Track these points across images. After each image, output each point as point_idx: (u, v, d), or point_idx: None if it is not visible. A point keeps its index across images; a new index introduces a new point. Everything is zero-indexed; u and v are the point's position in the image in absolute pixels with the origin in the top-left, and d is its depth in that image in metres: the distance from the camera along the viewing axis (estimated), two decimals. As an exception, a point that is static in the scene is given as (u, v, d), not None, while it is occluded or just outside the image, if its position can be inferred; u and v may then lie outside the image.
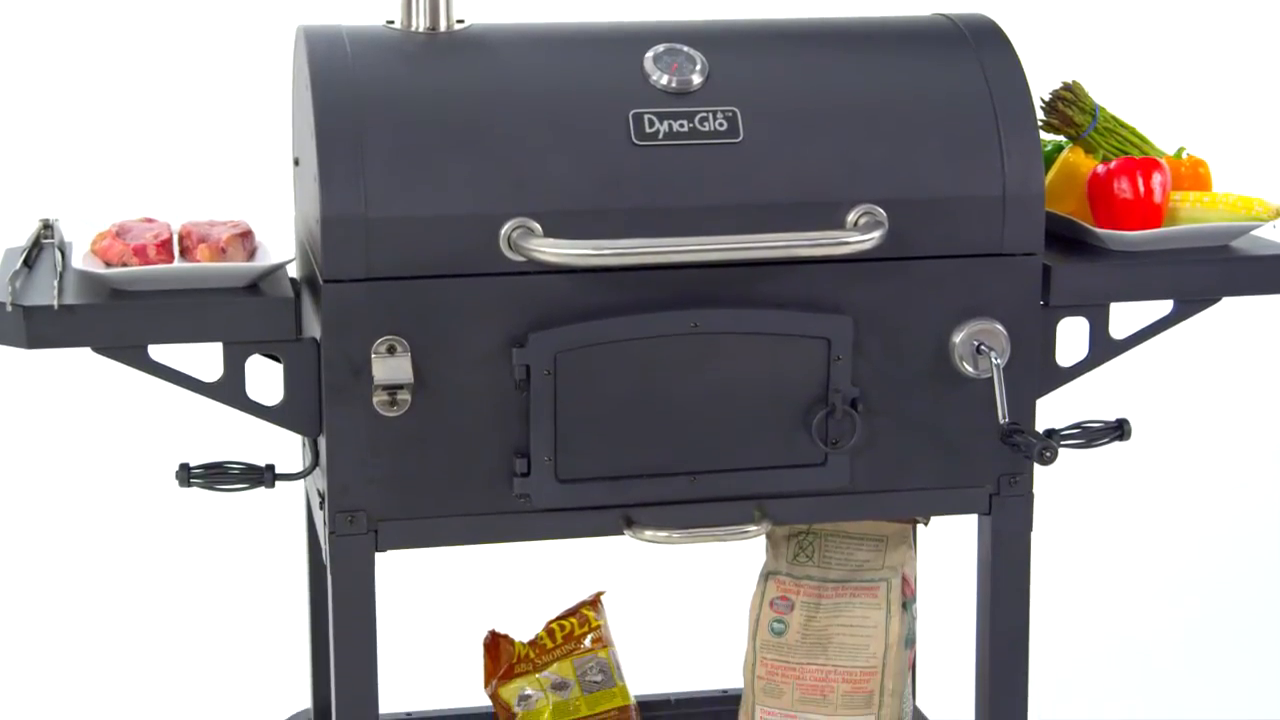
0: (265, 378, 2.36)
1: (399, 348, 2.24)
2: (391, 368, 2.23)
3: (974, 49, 2.42)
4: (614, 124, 2.29)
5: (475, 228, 2.25)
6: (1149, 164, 2.49)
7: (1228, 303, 2.52)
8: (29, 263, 2.40)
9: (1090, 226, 2.49)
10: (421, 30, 2.38)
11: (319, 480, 2.37)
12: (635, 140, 2.29)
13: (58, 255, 2.39)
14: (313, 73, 2.28)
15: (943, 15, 2.49)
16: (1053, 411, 2.58)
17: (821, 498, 2.40)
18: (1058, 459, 2.28)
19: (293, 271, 2.48)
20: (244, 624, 3.93)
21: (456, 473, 2.30)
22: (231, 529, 4.09)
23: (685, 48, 2.35)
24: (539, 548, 2.58)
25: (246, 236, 2.37)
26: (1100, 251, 2.48)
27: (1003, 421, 2.33)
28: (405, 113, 2.26)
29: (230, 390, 2.31)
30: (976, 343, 2.37)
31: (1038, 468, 2.42)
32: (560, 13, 2.56)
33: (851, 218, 2.32)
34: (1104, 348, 2.49)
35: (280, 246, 2.41)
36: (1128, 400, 3.34)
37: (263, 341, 2.30)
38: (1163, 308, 2.51)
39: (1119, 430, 2.56)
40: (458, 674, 3.27)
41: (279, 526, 3.67)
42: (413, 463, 2.29)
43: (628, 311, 2.29)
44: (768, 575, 2.72)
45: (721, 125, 2.31)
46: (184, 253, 2.36)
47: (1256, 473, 4.49)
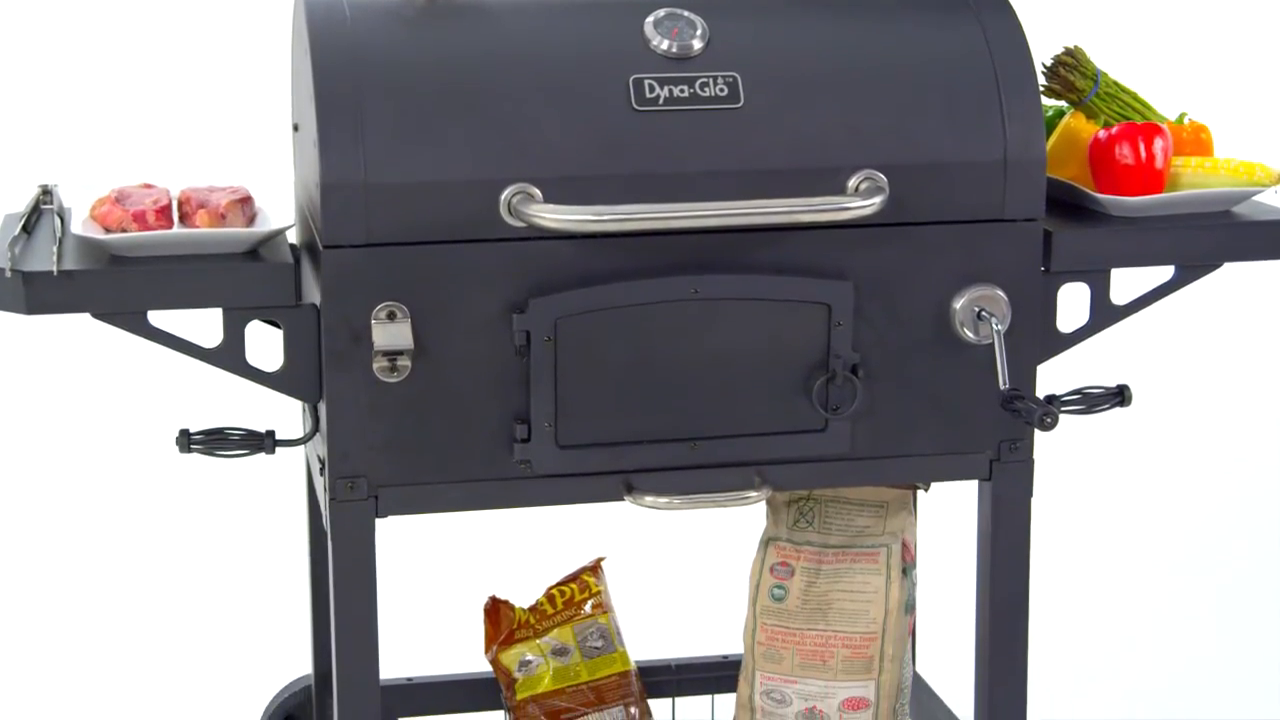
0: (265, 343, 2.36)
1: (399, 313, 2.24)
2: (391, 334, 2.23)
3: (975, 13, 2.41)
4: (614, 89, 2.29)
5: (475, 193, 2.24)
6: (1150, 129, 2.49)
7: (1229, 268, 2.52)
8: (28, 229, 2.40)
9: (1091, 192, 2.49)
10: (421, -5, 2.37)
11: (319, 446, 2.37)
12: (635, 105, 2.28)
13: (57, 221, 2.38)
14: (312, 38, 2.27)
15: (944, -21, 2.48)
16: (1053, 377, 2.57)
17: (822, 464, 2.40)
18: (1058, 425, 2.28)
19: (292, 237, 2.48)
20: (244, 591, 3.93)
21: (457, 438, 2.30)
22: (232, 496, 4.09)
23: (686, 12, 2.34)
24: (539, 513, 2.58)
25: (246, 202, 2.37)
26: (1101, 217, 2.48)
27: (1003, 387, 2.33)
28: (405, 78, 2.25)
29: (230, 356, 2.30)
30: (977, 308, 2.36)
31: (1038, 434, 2.42)
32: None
33: (852, 183, 2.31)
34: (1105, 313, 2.48)
35: (280, 212, 2.41)
36: (1129, 366, 3.35)
37: (263, 307, 2.29)
38: (1164, 273, 2.50)
39: (1120, 396, 2.55)
40: (458, 640, 3.27)
41: (279, 493, 3.68)
42: (413, 428, 2.28)
43: (628, 277, 2.28)
44: (768, 541, 2.72)
45: (722, 90, 2.31)
46: (183, 218, 2.35)
47: (1257, 438, 4.49)
